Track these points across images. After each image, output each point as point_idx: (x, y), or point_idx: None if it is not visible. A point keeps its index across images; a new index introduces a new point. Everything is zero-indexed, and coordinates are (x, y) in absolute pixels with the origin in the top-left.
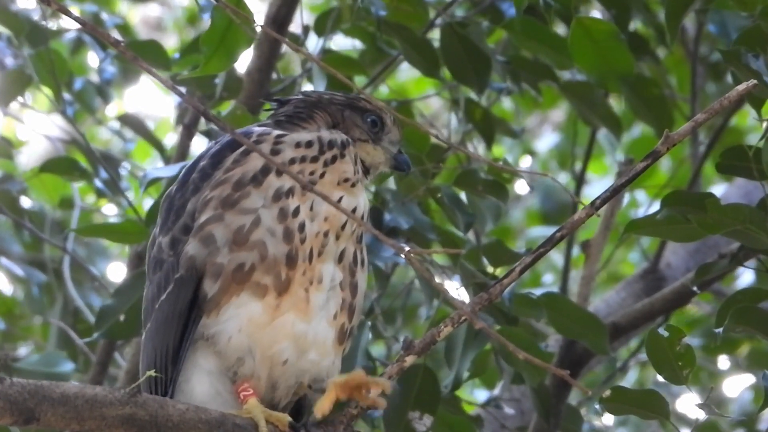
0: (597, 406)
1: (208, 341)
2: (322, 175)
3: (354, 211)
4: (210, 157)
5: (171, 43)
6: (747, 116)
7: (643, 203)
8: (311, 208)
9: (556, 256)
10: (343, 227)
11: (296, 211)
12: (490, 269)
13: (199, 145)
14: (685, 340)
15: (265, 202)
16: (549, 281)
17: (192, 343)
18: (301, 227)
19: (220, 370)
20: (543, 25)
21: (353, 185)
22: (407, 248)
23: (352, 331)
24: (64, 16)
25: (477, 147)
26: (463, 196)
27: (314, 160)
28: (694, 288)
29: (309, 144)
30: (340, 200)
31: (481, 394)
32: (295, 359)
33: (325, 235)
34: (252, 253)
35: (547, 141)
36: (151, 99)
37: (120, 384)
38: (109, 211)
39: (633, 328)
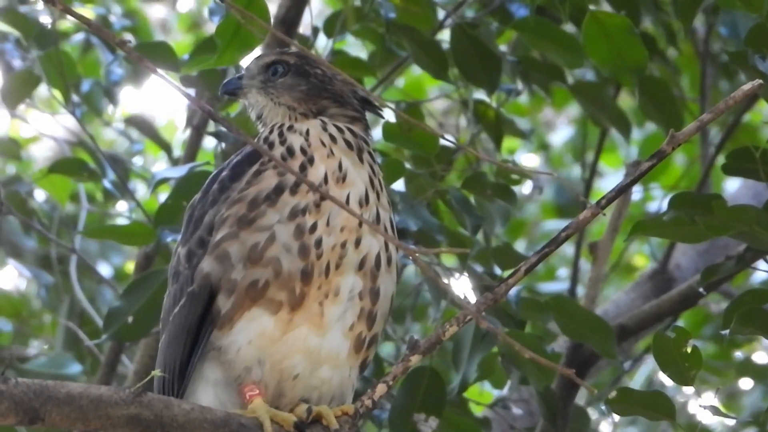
0: (603, 407)
1: (216, 352)
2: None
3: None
4: (230, 169)
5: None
6: (761, 114)
7: (658, 197)
8: (328, 223)
9: (570, 250)
10: (360, 224)
11: (313, 227)
12: (499, 272)
13: (208, 145)
14: (693, 341)
15: (281, 219)
16: (564, 275)
17: (201, 357)
18: (318, 243)
19: (226, 381)
20: (554, 24)
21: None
22: (414, 248)
23: (375, 338)
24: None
25: (487, 147)
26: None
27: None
28: (701, 289)
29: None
30: (347, 198)
31: (490, 394)
32: (307, 374)
33: (343, 246)
34: (266, 269)
35: (562, 134)
36: (161, 99)
37: (128, 384)
38: (122, 207)
39: (640, 330)
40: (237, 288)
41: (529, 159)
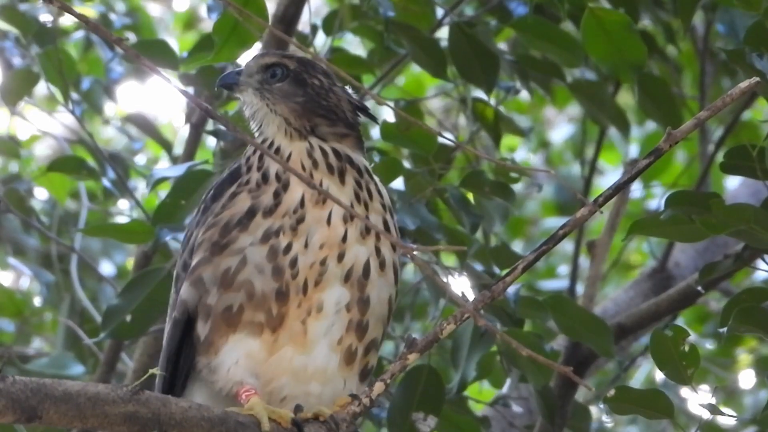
0: (601, 406)
1: (205, 374)
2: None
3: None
4: (214, 188)
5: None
6: (761, 112)
7: (659, 195)
8: (306, 244)
9: (571, 247)
10: (344, 239)
11: (288, 248)
12: (498, 271)
13: (210, 143)
14: (693, 339)
15: (254, 242)
16: (564, 272)
17: (190, 381)
18: (293, 262)
19: (217, 399)
20: (552, 24)
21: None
22: (411, 246)
23: (373, 344)
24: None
25: (487, 145)
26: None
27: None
28: (699, 288)
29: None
30: (329, 216)
31: (490, 391)
32: (296, 394)
33: (322, 263)
34: (239, 293)
35: (562, 132)
36: (162, 98)
37: (127, 382)
38: (124, 206)
39: (639, 329)
40: (213, 313)
41: (526, 157)
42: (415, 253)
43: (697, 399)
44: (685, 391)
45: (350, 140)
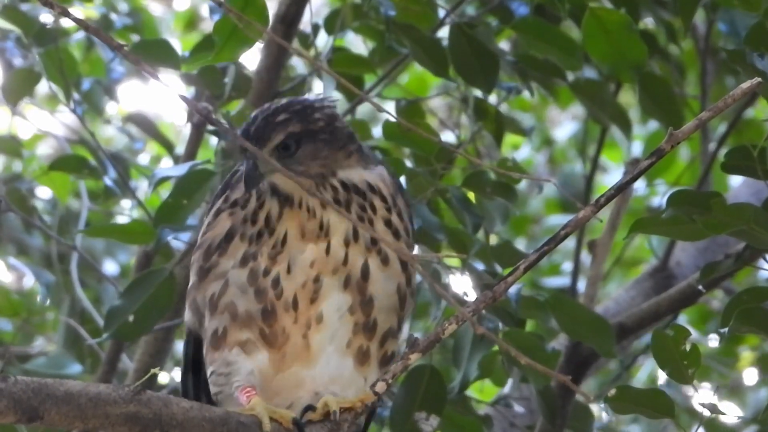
0: (602, 405)
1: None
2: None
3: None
4: (210, 201)
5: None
6: (763, 112)
7: (663, 192)
8: (288, 270)
9: (573, 244)
10: (345, 262)
11: (266, 272)
12: (500, 270)
13: (213, 141)
14: (696, 338)
15: (234, 264)
16: (568, 269)
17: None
18: (275, 283)
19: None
20: (552, 26)
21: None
22: (414, 255)
23: (389, 333)
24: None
25: (489, 143)
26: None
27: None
28: (700, 287)
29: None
30: (328, 246)
31: (492, 389)
32: (305, 401)
33: (316, 281)
34: (223, 316)
35: (566, 129)
36: (164, 97)
37: (128, 382)
38: (127, 205)
39: (639, 328)
40: (206, 335)
41: (529, 155)
42: (416, 264)
43: (699, 397)
44: (687, 389)
45: (356, 157)
